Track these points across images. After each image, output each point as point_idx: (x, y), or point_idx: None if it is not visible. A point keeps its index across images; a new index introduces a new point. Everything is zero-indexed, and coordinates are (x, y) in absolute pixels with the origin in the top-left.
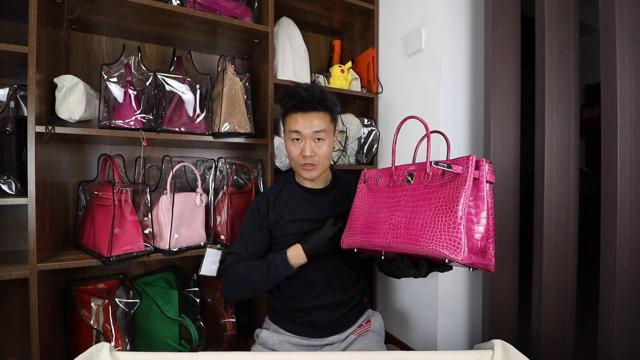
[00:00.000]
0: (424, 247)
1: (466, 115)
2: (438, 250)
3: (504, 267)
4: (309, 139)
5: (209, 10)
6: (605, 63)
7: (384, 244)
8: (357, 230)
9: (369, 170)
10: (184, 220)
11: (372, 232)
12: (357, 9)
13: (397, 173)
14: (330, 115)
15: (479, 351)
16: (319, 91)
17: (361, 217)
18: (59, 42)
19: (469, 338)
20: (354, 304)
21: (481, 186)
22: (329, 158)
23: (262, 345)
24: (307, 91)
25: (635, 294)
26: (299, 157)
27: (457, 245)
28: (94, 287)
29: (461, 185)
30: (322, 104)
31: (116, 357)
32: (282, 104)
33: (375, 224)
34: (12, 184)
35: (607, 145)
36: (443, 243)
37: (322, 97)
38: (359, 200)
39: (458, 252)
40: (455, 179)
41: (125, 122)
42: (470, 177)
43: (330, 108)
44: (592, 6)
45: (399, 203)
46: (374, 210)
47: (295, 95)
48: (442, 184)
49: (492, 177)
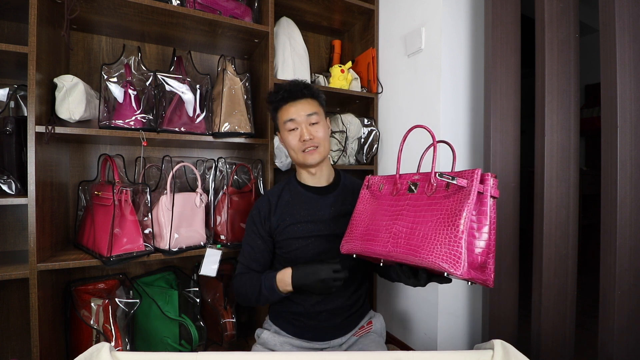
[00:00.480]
0: (423, 259)
1: (466, 115)
2: (437, 263)
3: (504, 267)
4: (304, 124)
5: (209, 10)
6: (605, 63)
7: (384, 253)
8: (357, 237)
9: (373, 176)
10: (184, 220)
11: (371, 240)
12: (357, 9)
13: (400, 181)
14: (318, 101)
15: (479, 351)
16: (302, 81)
17: (362, 223)
18: (59, 42)
19: (469, 338)
20: (357, 308)
21: (485, 201)
22: (327, 141)
23: (263, 346)
24: (290, 83)
25: (635, 294)
26: (299, 144)
27: (457, 260)
28: (94, 287)
29: (465, 198)
30: (308, 90)
31: (116, 357)
32: (270, 100)
33: (375, 231)
34: (12, 184)
35: (607, 145)
36: (443, 256)
37: (306, 85)
38: (361, 206)
39: (457, 267)
40: (459, 192)
41: (125, 122)
42: (474, 191)
43: (316, 94)
44: (592, 6)
45: (401, 212)
46: (375, 217)
47: (281, 88)
48: (445, 195)
49: (496, 192)
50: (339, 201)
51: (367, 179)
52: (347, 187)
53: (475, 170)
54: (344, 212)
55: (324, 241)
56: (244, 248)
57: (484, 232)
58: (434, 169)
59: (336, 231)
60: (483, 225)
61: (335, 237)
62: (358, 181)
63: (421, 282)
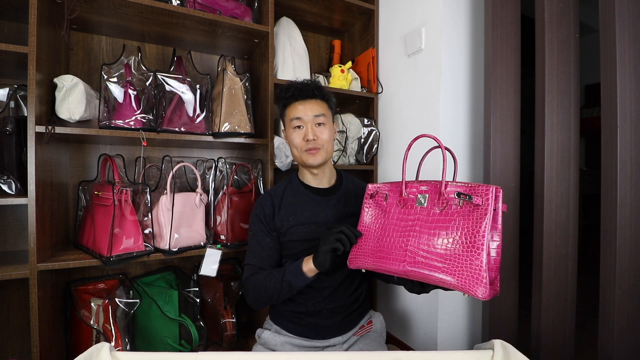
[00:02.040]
0: (444, 280)
1: (466, 115)
2: (459, 286)
3: (504, 267)
4: (310, 124)
5: (209, 10)
6: (605, 63)
7: (400, 271)
8: (367, 253)
9: (375, 184)
10: (184, 220)
11: (385, 257)
12: (357, 9)
13: (407, 191)
14: (327, 104)
15: (479, 351)
16: (314, 81)
17: (372, 238)
18: (59, 42)
19: (469, 338)
20: (357, 306)
21: (497, 217)
22: (331, 144)
23: (264, 346)
24: (303, 82)
25: (635, 294)
26: (302, 143)
27: (480, 283)
28: (94, 287)
29: (481, 218)
30: (319, 91)
31: (116, 357)
32: (280, 96)
33: (388, 248)
34: (12, 184)
35: (607, 145)
36: (465, 279)
37: (318, 86)
38: (367, 219)
39: (481, 289)
40: (475, 211)
41: (125, 122)
42: (490, 211)
43: (326, 97)
44: (592, 6)
45: (413, 227)
46: (385, 232)
47: (293, 86)
48: (459, 213)
49: (504, 206)
50: (341, 203)
51: (370, 188)
52: (349, 188)
53: (489, 187)
54: (346, 213)
55: None
56: (253, 248)
57: (495, 247)
58: (444, 180)
59: None
60: (495, 241)
61: None
62: (360, 182)
63: (427, 290)
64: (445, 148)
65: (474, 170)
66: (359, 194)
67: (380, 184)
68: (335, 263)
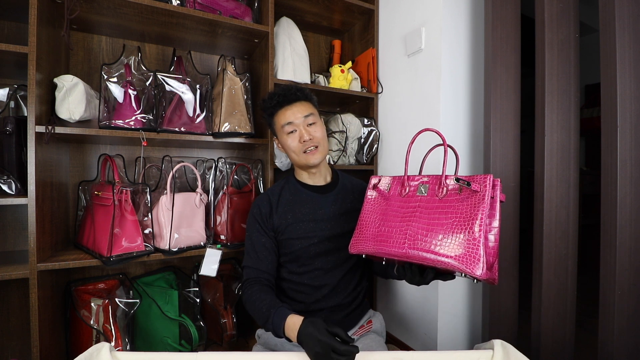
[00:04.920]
0: (443, 262)
1: (466, 115)
2: (457, 265)
3: (504, 267)
4: (302, 125)
5: (209, 10)
6: (605, 63)
7: (400, 254)
8: (368, 237)
9: (378, 176)
10: (184, 220)
11: (385, 241)
12: (357, 9)
13: (409, 182)
14: (312, 103)
15: (479, 351)
16: (294, 84)
17: (373, 224)
18: (59, 42)
19: (469, 338)
20: (356, 305)
21: (495, 205)
22: (326, 140)
23: (264, 346)
24: (283, 88)
25: (635, 294)
26: (299, 146)
27: (477, 262)
28: (94, 287)
29: (479, 203)
30: (301, 93)
31: (116, 357)
32: (265, 107)
33: (388, 232)
34: (12, 184)
35: (607, 145)
36: (464, 259)
37: (299, 87)
38: (368, 206)
39: (478, 268)
40: (473, 196)
41: (125, 122)
42: (488, 196)
43: (309, 97)
44: (592, 6)
45: (414, 213)
46: (386, 218)
47: (275, 94)
48: (458, 199)
49: (503, 195)
50: (339, 200)
51: (373, 179)
52: (346, 186)
53: (487, 175)
54: (344, 210)
55: (325, 242)
56: (249, 250)
57: (493, 234)
58: (445, 172)
59: (337, 230)
60: (493, 227)
61: (336, 237)
62: (357, 181)
63: (426, 280)
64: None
65: (474, 170)
66: (357, 190)
67: (384, 176)
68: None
